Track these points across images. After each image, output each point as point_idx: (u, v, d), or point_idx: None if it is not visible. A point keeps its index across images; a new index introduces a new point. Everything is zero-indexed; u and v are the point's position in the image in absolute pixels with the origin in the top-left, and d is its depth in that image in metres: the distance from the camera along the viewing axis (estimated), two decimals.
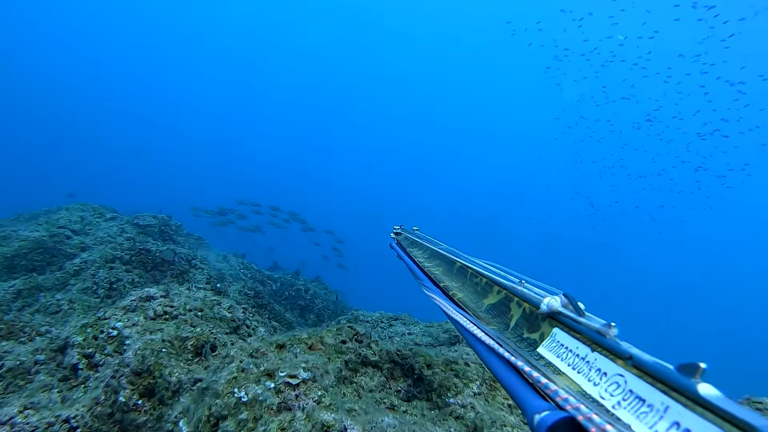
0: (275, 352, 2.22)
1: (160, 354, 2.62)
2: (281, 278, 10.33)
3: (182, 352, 2.72)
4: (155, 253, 6.76)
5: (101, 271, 5.99)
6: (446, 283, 1.63)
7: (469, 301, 1.41)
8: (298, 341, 2.33)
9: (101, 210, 8.93)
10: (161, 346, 2.66)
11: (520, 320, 1.11)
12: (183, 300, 3.55)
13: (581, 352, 0.81)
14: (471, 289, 1.49)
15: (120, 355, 2.94)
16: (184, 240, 9.52)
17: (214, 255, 8.76)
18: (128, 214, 9.89)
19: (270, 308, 7.80)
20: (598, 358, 0.76)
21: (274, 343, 2.27)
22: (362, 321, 6.41)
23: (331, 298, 11.28)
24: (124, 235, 7.90)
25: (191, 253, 7.71)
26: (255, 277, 9.55)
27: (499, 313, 1.23)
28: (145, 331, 3.14)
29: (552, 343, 0.92)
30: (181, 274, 6.99)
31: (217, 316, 3.73)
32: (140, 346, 2.60)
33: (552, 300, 0.95)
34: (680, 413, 0.55)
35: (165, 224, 9.65)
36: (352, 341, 2.51)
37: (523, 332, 1.06)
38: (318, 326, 10.07)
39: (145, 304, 3.38)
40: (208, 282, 7.19)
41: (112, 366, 2.57)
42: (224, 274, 7.91)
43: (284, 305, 9.56)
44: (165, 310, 3.31)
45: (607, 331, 0.76)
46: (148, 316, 3.28)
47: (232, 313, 3.94)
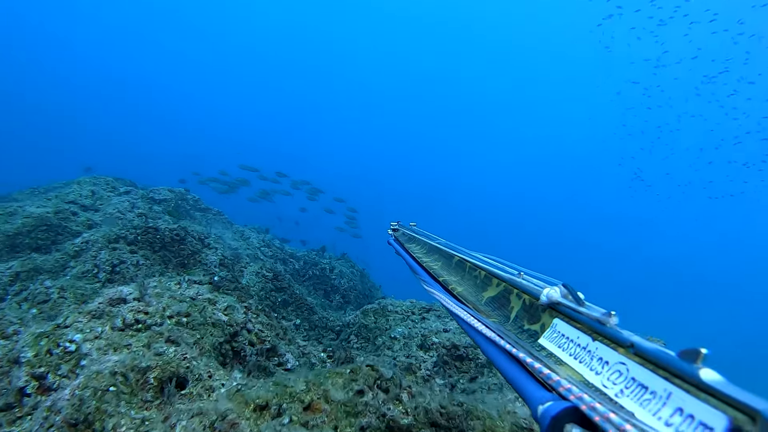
0: (252, 419, 1.36)
1: (106, 395, 1.83)
2: (305, 256, 9.66)
3: (140, 390, 1.93)
4: (164, 232, 6.13)
5: (103, 252, 5.40)
6: (445, 278, 1.61)
7: (469, 294, 1.40)
8: (290, 397, 1.49)
9: (114, 183, 8.41)
10: (108, 383, 1.88)
11: (520, 312, 1.10)
12: (164, 302, 2.77)
13: (582, 341, 0.81)
14: (470, 282, 1.48)
15: (69, 382, 2.19)
16: (202, 215, 8.94)
17: (231, 232, 8.13)
18: (144, 188, 9.36)
19: (290, 291, 7.13)
20: (599, 347, 0.76)
21: (252, 402, 1.41)
22: (391, 312, 5.58)
23: (358, 277, 10.55)
24: (135, 211, 7.33)
25: (205, 231, 7.08)
26: (276, 256, 8.91)
27: (499, 306, 1.22)
28: (108, 347, 2.41)
29: (553, 334, 0.91)
30: (192, 254, 6.36)
31: (208, 320, 2.95)
32: (80, 383, 1.82)
33: (551, 291, 0.94)
34: (683, 399, 0.55)
35: (182, 198, 9.08)
36: (372, 390, 1.63)
37: (523, 324, 1.06)
38: (344, 309, 9.42)
39: (114, 309, 2.62)
40: (221, 263, 6.54)
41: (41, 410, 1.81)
42: (240, 254, 7.26)
43: (307, 286, 8.91)
44: (137, 317, 2.54)
45: (608, 319, 0.76)
46: (115, 326, 2.53)
47: (229, 315, 3.15)
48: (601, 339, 0.77)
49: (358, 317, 5.68)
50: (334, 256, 11.78)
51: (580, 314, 0.84)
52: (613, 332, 0.75)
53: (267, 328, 3.38)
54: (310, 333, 6.74)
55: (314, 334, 6.70)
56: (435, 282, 1.65)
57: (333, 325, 7.04)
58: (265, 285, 6.89)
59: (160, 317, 2.64)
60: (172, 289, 3.16)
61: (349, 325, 5.78)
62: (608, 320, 0.76)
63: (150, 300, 2.74)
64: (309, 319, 6.98)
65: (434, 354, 4.51)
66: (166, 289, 3.03)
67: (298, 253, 9.86)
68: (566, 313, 0.91)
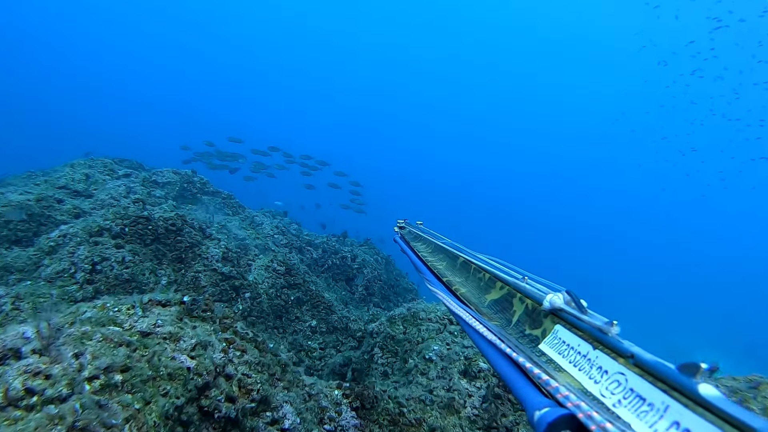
0: None
1: None
2: (323, 244, 8.69)
3: None
4: (157, 222, 5.22)
5: (82, 247, 4.55)
6: (449, 278, 1.61)
7: (472, 296, 1.40)
8: None
9: (114, 166, 7.58)
10: None
11: (522, 316, 1.10)
12: (88, 351, 1.78)
13: (583, 349, 0.81)
14: (474, 284, 1.49)
15: None
16: (209, 199, 8.04)
17: (239, 219, 7.18)
18: (148, 170, 8.50)
19: (305, 288, 6.18)
20: (599, 355, 0.76)
21: None
22: (423, 320, 4.53)
23: (383, 266, 9.52)
24: (131, 197, 6.46)
25: (207, 220, 6.16)
26: (292, 244, 7.97)
27: (502, 309, 1.22)
28: None
29: (554, 340, 0.92)
30: (190, 247, 5.46)
31: (162, 372, 1.94)
32: None
33: (554, 297, 0.94)
34: (680, 413, 0.55)
35: (187, 181, 8.20)
36: None
37: (525, 328, 1.06)
38: (367, 302, 8.47)
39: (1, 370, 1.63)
40: (225, 257, 5.62)
41: None
42: (247, 244, 6.33)
43: (326, 278, 7.95)
44: (30, 385, 1.53)
45: (609, 329, 0.75)
46: None
47: (198, 357, 2.15)
48: (602, 348, 0.77)
49: (384, 326, 4.66)
50: (356, 241, 10.78)
51: (582, 322, 0.84)
52: (614, 342, 0.74)
53: (257, 369, 2.37)
54: (326, 338, 5.80)
55: (332, 340, 5.76)
56: (439, 282, 1.65)
57: (354, 328, 6.07)
58: (276, 281, 5.96)
59: (72, 382, 1.61)
60: (118, 320, 2.15)
61: (372, 335, 4.78)
62: (610, 329, 0.75)
63: (60, 351, 1.73)
64: (327, 319, 6.04)
65: (483, 385, 3.43)
66: (100, 323, 2.00)
67: (316, 240, 8.91)
68: (568, 320, 0.90)
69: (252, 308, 5.51)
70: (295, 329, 5.91)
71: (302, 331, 5.91)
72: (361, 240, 11.21)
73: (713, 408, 0.52)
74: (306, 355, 5.48)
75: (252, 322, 5.40)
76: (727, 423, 0.49)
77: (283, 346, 5.60)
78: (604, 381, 0.71)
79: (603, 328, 0.76)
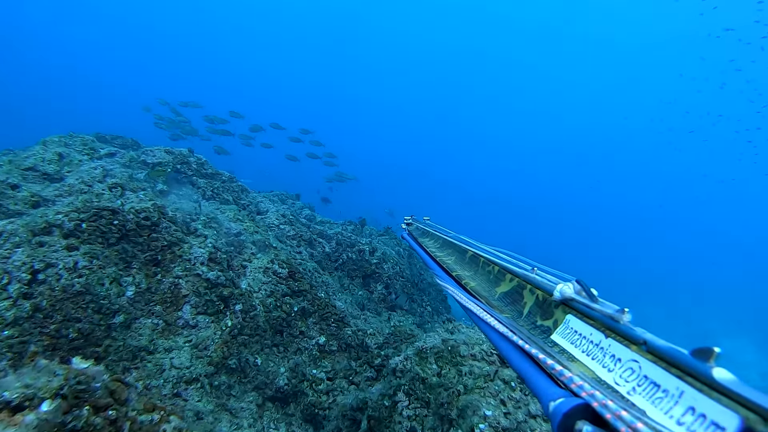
0: None
1: None
2: (338, 235, 7.46)
3: None
4: (126, 215, 4.07)
5: (20, 250, 3.42)
6: (459, 272, 1.62)
7: (482, 289, 1.41)
8: None
9: (95, 144, 6.47)
10: None
11: (533, 308, 1.11)
12: None
13: (595, 338, 0.81)
14: (483, 277, 1.49)
15: None
16: (206, 183, 6.89)
17: (236, 208, 5.99)
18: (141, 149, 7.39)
19: (311, 295, 4.99)
20: (612, 344, 0.76)
21: None
22: (465, 357, 3.27)
23: (405, 259, 8.24)
24: (108, 181, 5.31)
25: (192, 211, 4.99)
26: (301, 235, 6.77)
27: (512, 301, 1.23)
28: None
29: (566, 330, 0.92)
30: (169, 247, 4.32)
31: None
32: None
33: (565, 287, 0.94)
34: (695, 398, 0.55)
35: (182, 161, 7.03)
36: None
37: (536, 320, 1.07)
38: (388, 301, 7.30)
39: None
40: (212, 258, 4.46)
41: None
42: (243, 241, 5.16)
43: (340, 275, 6.75)
44: None
45: (621, 316, 0.76)
46: None
47: None
48: (614, 336, 0.76)
49: (411, 362, 3.44)
50: (375, 230, 9.53)
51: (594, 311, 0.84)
52: (626, 329, 0.74)
53: None
54: (337, 362, 4.62)
55: (343, 368, 4.58)
56: (448, 276, 1.64)
57: (372, 345, 4.87)
58: (277, 287, 4.82)
59: None
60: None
61: (396, 373, 3.54)
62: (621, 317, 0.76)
63: None
64: (338, 334, 4.84)
65: None
66: None
67: (330, 230, 7.67)
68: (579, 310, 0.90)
69: (244, 324, 4.37)
70: (299, 347, 4.78)
71: (308, 350, 4.77)
72: (380, 228, 9.94)
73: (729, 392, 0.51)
74: (310, 388, 4.33)
75: (244, 342, 4.27)
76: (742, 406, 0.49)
77: (283, 368, 4.47)
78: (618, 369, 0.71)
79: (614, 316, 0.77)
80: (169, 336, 4.07)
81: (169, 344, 4.02)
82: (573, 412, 0.61)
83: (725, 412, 0.49)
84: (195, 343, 4.09)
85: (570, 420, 0.61)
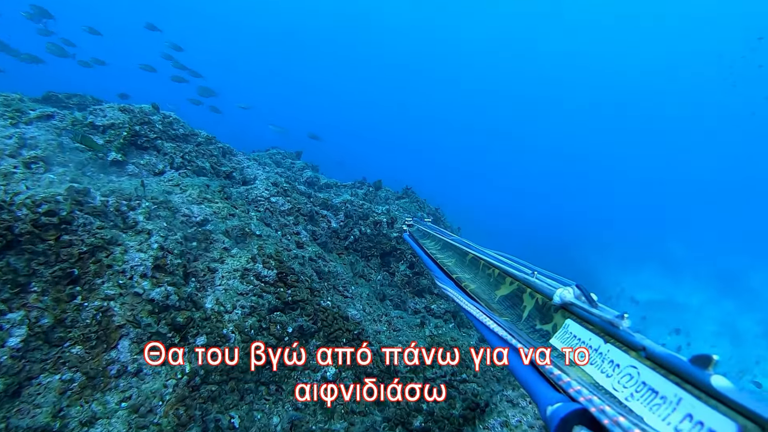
0: None
1: None
2: (347, 204, 5.81)
3: None
4: (16, 210, 2.51)
5: None
6: (459, 275, 1.58)
7: (482, 292, 1.37)
8: None
9: (23, 105, 4.84)
10: None
11: (532, 311, 1.08)
12: None
13: (594, 343, 0.79)
14: (484, 280, 1.45)
15: None
16: (174, 148, 5.20)
17: (201, 183, 4.37)
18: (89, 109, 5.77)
19: (312, 306, 3.49)
20: (610, 349, 0.74)
21: None
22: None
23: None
24: (22, 154, 3.82)
25: (132, 191, 3.39)
26: (298, 209, 5.16)
27: (512, 305, 1.20)
28: None
29: (565, 335, 0.90)
30: (90, 254, 2.80)
31: None
32: None
33: (564, 291, 0.93)
34: (693, 405, 0.54)
35: (143, 121, 5.38)
36: None
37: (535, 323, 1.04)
38: (414, 285, 5.78)
39: None
40: (157, 266, 2.95)
41: None
42: (210, 231, 3.60)
43: (352, 257, 5.22)
44: None
45: (620, 322, 0.74)
46: None
47: None
48: (613, 341, 0.75)
49: None
50: (392, 193, 7.82)
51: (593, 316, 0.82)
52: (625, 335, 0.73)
53: None
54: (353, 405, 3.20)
55: (358, 413, 3.16)
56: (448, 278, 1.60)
57: (402, 371, 3.41)
58: (261, 299, 3.30)
59: None
60: None
61: None
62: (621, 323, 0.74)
63: None
64: (353, 356, 3.37)
65: None
66: None
67: (335, 198, 6.01)
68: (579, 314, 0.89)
69: (210, 368, 2.90)
70: (299, 380, 3.33)
71: (316, 383, 3.33)
72: (398, 190, 8.22)
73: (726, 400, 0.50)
74: None
75: (211, 395, 2.83)
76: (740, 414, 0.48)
77: (276, 417, 3.07)
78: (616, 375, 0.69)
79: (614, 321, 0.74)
80: (93, 396, 2.65)
81: (90, 412, 2.59)
82: (570, 417, 0.60)
83: (723, 419, 0.48)
84: (134, 404, 2.68)
85: (567, 425, 0.59)
